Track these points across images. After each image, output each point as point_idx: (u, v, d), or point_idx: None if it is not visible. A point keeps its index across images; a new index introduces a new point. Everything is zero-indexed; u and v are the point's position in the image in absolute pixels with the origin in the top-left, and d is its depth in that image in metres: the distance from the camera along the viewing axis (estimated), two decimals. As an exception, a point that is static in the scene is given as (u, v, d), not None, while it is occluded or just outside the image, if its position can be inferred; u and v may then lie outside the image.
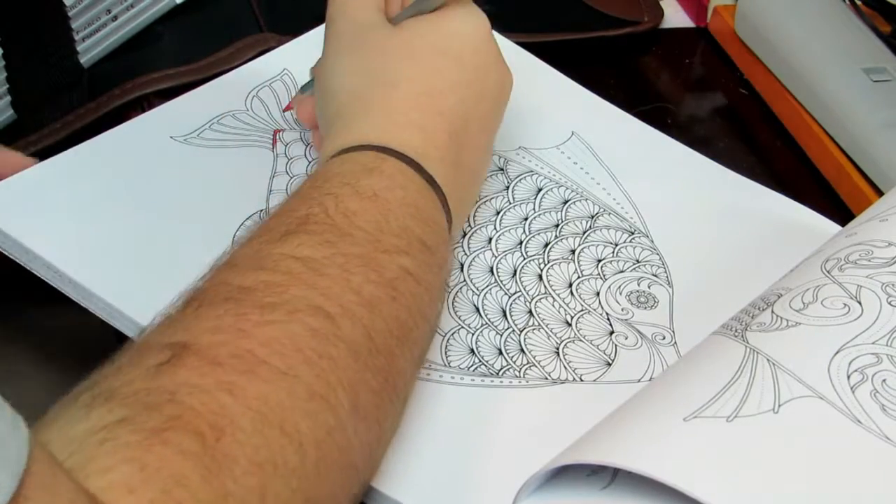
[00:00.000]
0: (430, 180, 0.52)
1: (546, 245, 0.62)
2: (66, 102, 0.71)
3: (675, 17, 0.85)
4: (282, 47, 0.71)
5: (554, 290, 0.59)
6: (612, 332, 0.58)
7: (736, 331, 0.51)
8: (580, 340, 0.57)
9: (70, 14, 0.75)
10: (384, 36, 0.57)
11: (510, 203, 0.64)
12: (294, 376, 0.42)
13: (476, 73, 0.56)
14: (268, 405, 0.41)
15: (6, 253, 0.56)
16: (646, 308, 0.59)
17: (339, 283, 0.46)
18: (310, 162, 0.64)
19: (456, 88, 0.55)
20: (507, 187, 0.65)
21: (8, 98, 0.73)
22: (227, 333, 0.42)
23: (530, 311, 0.58)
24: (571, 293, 0.59)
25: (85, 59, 0.73)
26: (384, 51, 0.56)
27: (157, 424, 0.38)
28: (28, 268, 0.56)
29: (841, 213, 0.67)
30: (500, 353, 0.56)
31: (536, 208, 0.64)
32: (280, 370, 0.42)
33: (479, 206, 0.64)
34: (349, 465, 0.44)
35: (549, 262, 0.61)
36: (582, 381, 0.55)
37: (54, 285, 0.55)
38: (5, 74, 0.73)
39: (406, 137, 0.53)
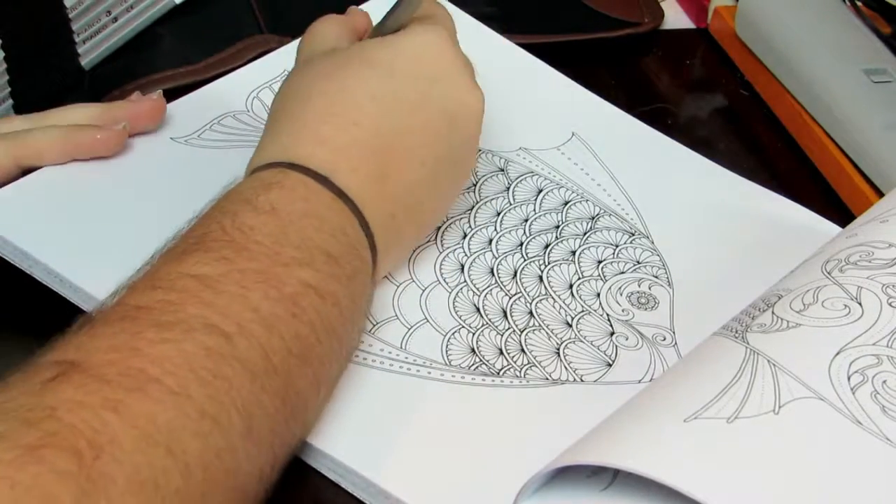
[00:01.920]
0: (340, 192, 0.51)
1: (546, 246, 0.62)
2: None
3: (676, 17, 0.85)
4: (282, 48, 0.71)
5: (554, 291, 0.59)
6: (612, 333, 0.58)
7: (736, 332, 0.51)
8: (581, 341, 0.57)
9: (70, 16, 0.75)
10: (326, 57, 0.56)
11: (510, 204, 0.64)
12: (186, 396, 0.42)
13: (412, 82, 0.55)
14: (154, 424, 0.40)
15: (7, 258, 0.56)
16: (646, 309, 0.59)
17: (237, 300, 0.45)
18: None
19: (379, 99, 0.54)
20: (508, 188, 0.65)
21: (10, 101, 0.73)
22: (120, 352, 0.42)
23: (531, 312, 0.58)
24: (572, 294, 0.59)
25: (86, 62, 0.73)
26: (315, 70, 0.55)
27: (32, 441, 0.37)
28: (29, 273, 0.56)
29: (841, 214, 0.67)
30: (501, 352, 0.56)
31: (537, 209, 0.64)
32: (171, 389, 0.41)
33: (479, 207, 0.64)
34: (236, 488, 0.44)
35: (549, 263, 0.61)
36: (582, 381, 0.55)
37: (55, 290, 0.55)
38: (7, 78, 0.73)
39: (310, 151, 0.52)
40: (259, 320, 0.45)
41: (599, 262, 0.61)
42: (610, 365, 0.56)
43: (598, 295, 0.60)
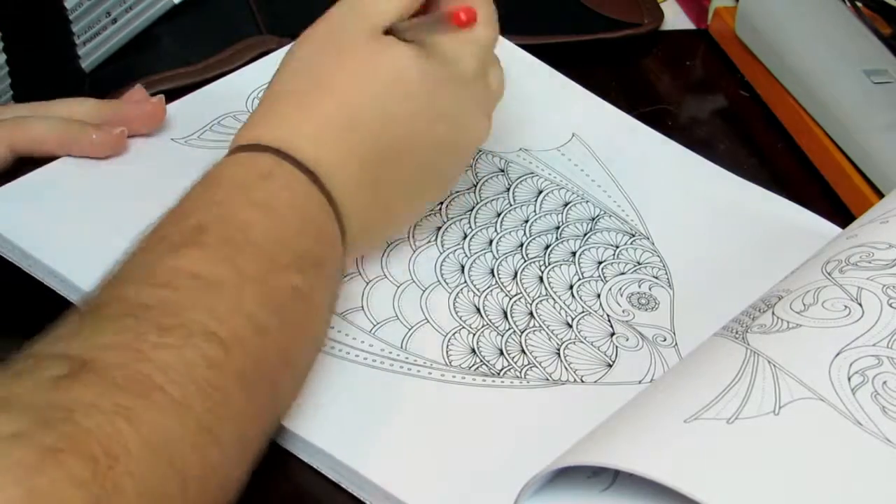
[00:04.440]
0: (325, 191, 0.51)
1: (547, 247, 0.62)
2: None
3: (676, 18, 0.85)
4: (282, 49, 0.71)
5: (555, 292, 0.59)
6: (612, 334, 0.58)
7: (737, 332, 0.51)
8: (581, 342, 0.57)
9: (70, 18, 0.75)
10: (356, 44, 0.54)
11: (511, 205, 0.64)
12: (187, 406, 0.42)
13: (426, 106, 0.54)
14: (160, 436, 0.40)
15: (7, 258, 0.56)
16: (647, 310, 0.59)
17: (233, 306, 0.45)
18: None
19: (388, 112, 0.53)
20: (508, 189, 0.65)
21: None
22: (126, 353, 0.42)
23: (531, 313, 0.58)
24: (572, 295, 0.59)
25: (86, 64, 0.73)
26: (336, 53, 0.54)
27: (51, 443, 0.37)
28: (29, 272, 0.56)
29: (841, 215, 0.67)
30: (502, 353, 0.56)
31: (537, 210, 0.64)
32: (174, 398, 0.41)
33: (479, 208, 0.64)
34: (225, 500, 0.44)
35: (549, 263, 0.61)
36: (583, 382, 0.55)
37: (56, 290, 0.55)
38: (9, 81, 0.73)
39: (303, 144, 0.51)
40: (253, 328, 0.45)
41: (600, 262, 0.61)
42: (610, 366, 0.56)
43: (599, 296, 0.60)
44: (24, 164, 0.60)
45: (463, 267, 0.60)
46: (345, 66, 0.53)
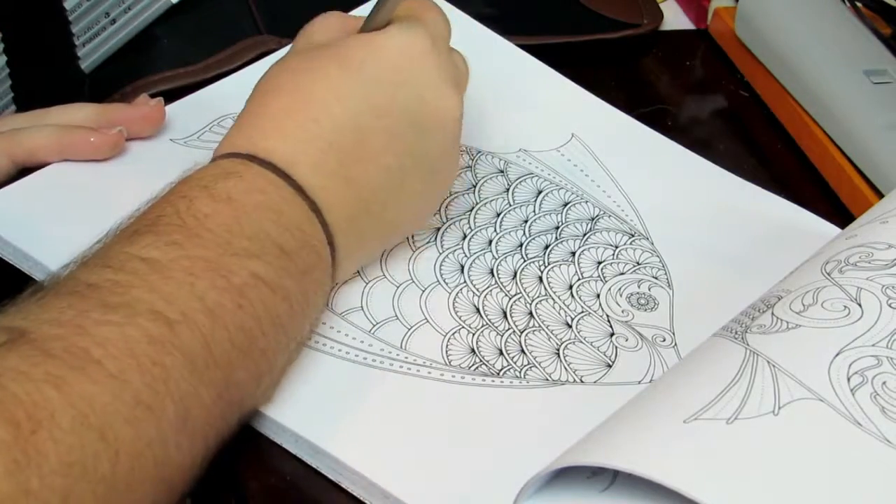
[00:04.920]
0: (299, 189, 0.51)
1: (546, 247, 0.62)
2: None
3: (676, 18, 0.85)
4: (283, 49, 0.71)
5: (554, 292, 0.59)
6: (612, 334, 0.58)
7: (736, 333, 0.51)
8: (580, 342, 0.57)
9: (70, 19, 0.75)
10: (307, 52, 0.55)
11: (510, 205, 0.64)
12: (123, 381, 0.42)
13: (380, 85, 0.54)
14: (91, 406, 0.40)
15: (7, 260, 0.56)
16: (646, 310, 0.59)
17: (183, 287, 0.45)
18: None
19: (345, 98, 0.53)
20: (508, 189, 0.65)
21: (13, 108, 0.73)
22: (66, 328, 0.42)
23: (531, 313, 0.58)
24: (572, 295, 0.59)
25: (86, 65, 0.73)
26: (292, 64, 0.55)
27: None
28: (29, 274, 0.56)
29: (841, 215, 0.67)
30: (501, 353, 0.56)
31: (536, 210, 0.64)
32: (110, 372, 0.41)
33: (479, 209, 0.64)
34: (163, 479, 0.43)
35: (549, 264, 0.61)
36: (582, 382, 0.55)
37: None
38: (10, 83, 0.73)
39: (271, 144, 0.52)
40: (204, 310, 0.45)
41: (599, 263, 0.61)
42: (610, 366, 0.56)
43: (598, 296, 0.60)
44: (25, 172, 0.61)
45: (462, 267, 0.60)
46: (303, 72, 0.54)
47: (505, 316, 0.58)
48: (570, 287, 0.60)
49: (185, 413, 0.44)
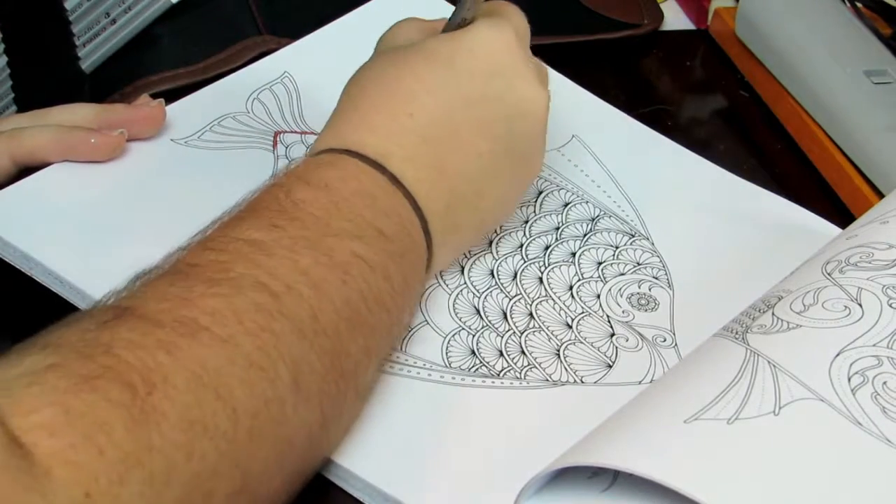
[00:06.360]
0: (394, 179, 0.52)
1: (546, 248, 0.62)
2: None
3: (676, 19, 0.85)
4: (282, 50, 0.71)
5: (554, 293, 0.59)
6: (612, 335, 0.58)
7: (736, 333, 0.51)
8: (581, 342, 0.57)
9: (70, 19, 0.75)
10: (393, 52, 0.57)
11: (511, 205, 0.64)
12: (234, 344, 0.43)
13: (470, 77, 0.55)
14: (204, 368, 0.41)
15: (7, 260, 0.56)
16: (646, 310, 0.59)
17: (286, 263, 0.46)
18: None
19: (435, 91, 0.54)
20: (508, 190, 0.65)
21: (14, 108, 0.73)
22: (172, 301, 0.43)
23: (531, 314, 0.58)
24: (572, 296, 0.59)
25: (86, 65, 0.73)
26: (379, 63, 0.56)
27: (88, 372, 0.39)
28: (30, 275, 0.56)
29: (841, 215, 0.67)
30: (501, 354, 0.56)
31: (537, 211, 0.64)
32: (220, 337, 0.42)
33: (479, 209, 0.64)
34: (284, 439, 0.44)
35: (549, 264, 0.61)
36: (583, 382, 0.55)
37: (56, 291, 0.55)
38: (10, 83, 0.73)
39: (363, 138, 0.53)
40: (308, 283, 0.46)
41: (599, 263, 0.61)
42: (610, 366, 0.56)
43: (599, 296, 0.60)
44: (26, 171, 0.61)
45: (462, 268, 0.60)
46: (391, 70, 0.55)
47: (505, 317, 0.58)
48: (571, 288, 0.60)
49: (297, 376, 0.44)
